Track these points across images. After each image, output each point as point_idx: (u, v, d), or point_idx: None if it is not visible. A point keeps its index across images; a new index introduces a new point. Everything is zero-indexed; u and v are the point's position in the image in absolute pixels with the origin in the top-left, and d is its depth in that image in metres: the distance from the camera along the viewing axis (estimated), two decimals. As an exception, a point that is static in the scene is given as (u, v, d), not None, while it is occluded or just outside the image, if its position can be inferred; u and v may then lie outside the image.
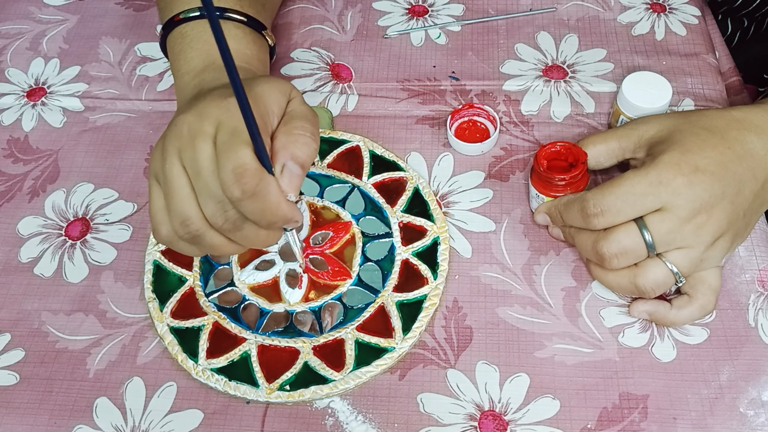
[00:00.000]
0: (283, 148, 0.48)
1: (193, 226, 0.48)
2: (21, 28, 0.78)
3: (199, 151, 0.47)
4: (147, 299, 0.58)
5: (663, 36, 0.72)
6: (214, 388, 0.54)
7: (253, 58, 0.60)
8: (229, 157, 0.46)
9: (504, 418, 0.52)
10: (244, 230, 0.49)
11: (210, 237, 0.49)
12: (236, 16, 0.60)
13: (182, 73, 0.59)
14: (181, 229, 0.49)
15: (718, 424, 0.51)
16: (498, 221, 0.61)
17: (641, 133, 0.56)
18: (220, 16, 0.60)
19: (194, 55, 0.58)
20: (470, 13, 0.76)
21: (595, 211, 0.51)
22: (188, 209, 0.48)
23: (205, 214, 0.48)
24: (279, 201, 0.47)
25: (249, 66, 0.59)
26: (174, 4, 0.61)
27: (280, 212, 0.47)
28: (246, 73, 0.58)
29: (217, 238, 0.49)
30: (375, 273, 0.59)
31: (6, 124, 0.70)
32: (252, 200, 0.46)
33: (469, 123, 0.66)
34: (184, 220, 0.48)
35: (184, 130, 0.48)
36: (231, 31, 0.60)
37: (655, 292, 0.53)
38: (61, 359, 0.56)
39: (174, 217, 0.49)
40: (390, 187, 0.63)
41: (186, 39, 0.60)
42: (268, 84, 0.51)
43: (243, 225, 0.48)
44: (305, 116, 0.50)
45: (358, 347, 0.55)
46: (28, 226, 0.64)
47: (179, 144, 0.48)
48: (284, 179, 0.47)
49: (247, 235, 0.49)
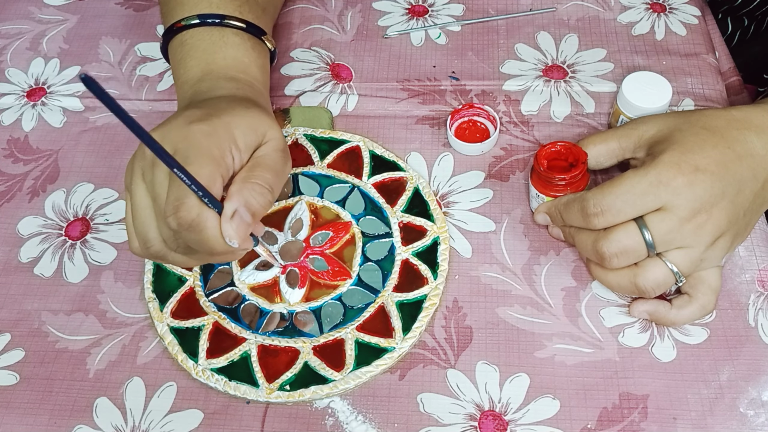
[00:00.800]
0: (237, 192, 0.49)
1: (153, 248, 0.50)
2: (21, 28, 0.78)
3: (155, 177, 0.48)
4: (147, 299, 0.58)
5: (663, 36, 0.72)
6: (214, 388, 0.54)
7: (251, 65, 0.61)
8: (172, 188, 0.47)
9: (504, 418, 0.52)
10: (197, 255, 0.50)
11: (171, 257, 0.51)
12: (235, 23, 0.61)
13: (181, 83, 0.60)
14: (143, 248, 0.51)
15: (718, 424, 0.51)
16: (498, 221, 0.61)
17: (641, 133, 0.56)
18: (221, 23, 0.60)
19: (193, 64, 0.59)
20: (470, 13, 0.76)
21: (595, 211, 0.51)
22: (148, 231, 0.50)
23: (163, 236, 0.49)
24: (216, 236, 0.48)
25: (245, 75, 0.59)
26: (176, 11, 0.61)
27: (217, 247, 0.48)
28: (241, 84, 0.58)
29: (178, 257, 0.51)
30: (375, 273, 0.59)
31: (6, 124, 0.70)
32: (189, 232, 0.47)
33: (469, 123, 0.66)
34: (146, 242, 0.50)
35: (147, 153, 0.50)
36: (229, 38, 0.60)
37: (655, 292, 0.53)
38: (61, 359, 0.56)
39: (138, 236, 0.50)
40: (390, 187, 0.63)
41: (185, 47, 0.60)
42: (244, 118, 0.51)
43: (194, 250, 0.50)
44: (271, 167, 0.51)
45: (358, 347, 0.55)
46: (28, 226, 0.64)
47: (142, 165, 0.50)
48: (233, 224, 0.48)
49: (203, 258, 0.51)
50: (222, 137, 0.49)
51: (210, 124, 0.49)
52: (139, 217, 0.50)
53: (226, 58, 0.59)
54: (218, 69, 0.59)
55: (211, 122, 0.50)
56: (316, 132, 0.67)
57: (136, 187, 0.50)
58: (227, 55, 0.59)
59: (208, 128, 0.49)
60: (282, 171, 0.52)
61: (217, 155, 0.48)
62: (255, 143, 0.51)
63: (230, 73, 0.59)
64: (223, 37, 0.60)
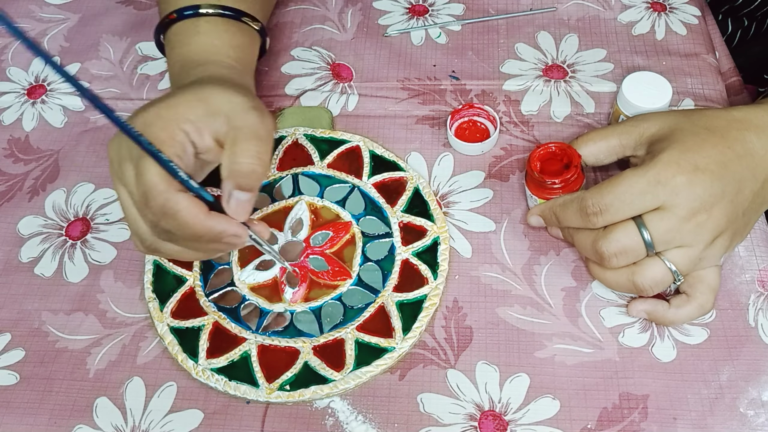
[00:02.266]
0: (227, 177, 0.49)
1: (146, 242, 0.51)
2: (22, 27, 0.78)
3: (125, 176, 0.49)
4: (147, 299, 0.58)
5: (663, 36, 0.72)
6: (214, 388, 0.54)
7: (223, 46, 0.60)
8: (138, 181, 0.48)
9: (504, 418, 0.52)
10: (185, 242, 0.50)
11: (166, 248, 0.51)
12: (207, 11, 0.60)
13: (171, 81, 0.60)
14: (138, 244, 0.52)
15: (718, 424, 0.51)
16: (498, 221, 0.61)
17: (642, 131, 0.55)
18: (194, 14, 0.60)
19: (174, 60, 0.60)
20: (470, 13, 0.76)
21: (594, 210, 0.51)
22: (138, 228, 0.51)
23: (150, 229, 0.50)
24: (193, 217, 0.48)
25: (216, 56, 0.59)
26: (168, 4, 0.61)
27: (197, 228, 0.48)
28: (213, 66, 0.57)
29: (172, 247, 0.51)
30: (375, 273, 0.59)
31: (6, 124, 0.71)
32: (165, 220, 0.48)
33: (469, 123, 0.66)
34: (139, 237, 0.51)
35: (112, 157, 0.51)
36: (201, 26, 0.60)
37: (653, 291, 0.53)
38: (61, 359, 0.57)
39: (132, 234, 0.52)
40: (390, 187, 0.63)
41: (169, 45, 0.61)
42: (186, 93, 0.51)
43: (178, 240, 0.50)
44: (250, 134, 0.50)
45: (358, 347, 0.55)
46: (29, 226, 0.64)
47: (114, 170, 0.51)
48: (231, 208, 0.49)
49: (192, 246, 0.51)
50: (166, 117, 0.49)
51: (150, 111, 0.50)
52: (128, 217, 0.51)
53: (197, 45, 0.59)
54: (191, 58, 0.59)
55: (151, 109, 0.50)
56: (316, 132, 0.67)
57: (119, 191, 0.51)
58: (198, 42, 0.59)
59: (149, 114, 0.50)
60: (263, 129, 0.51)
61: (164, 136, 0.48)
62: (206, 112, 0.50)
63: (200, 60, 0.58)
64: (195, 26, 0.60)
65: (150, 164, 0.47)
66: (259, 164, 0.50)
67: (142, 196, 0.47)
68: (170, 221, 0.48)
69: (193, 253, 0.52)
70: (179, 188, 0.48)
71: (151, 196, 0.47)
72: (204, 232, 0.49)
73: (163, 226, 0.48)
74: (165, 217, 0.47)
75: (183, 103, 0.50)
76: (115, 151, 0.50)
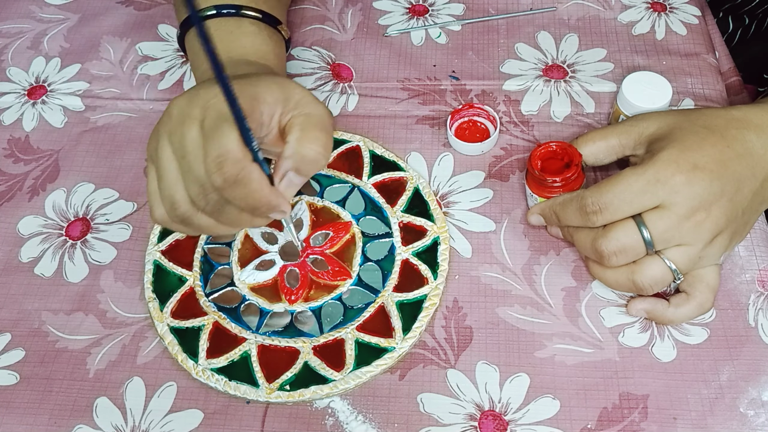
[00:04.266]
0: (289, 157, 0.49)
1: (181, 209, 0.49)
2: (22, 27, 0.78)
3: (185, 135, 0.47)
4: (147, 299, 0.58)
5: (663, 36, 0.72)
6: (214, 388, 0.54)
7: (269, 54, 0.61)
8: (212, 144, 0.46)
9: (504, 418, 0.52)
10: (226, 213, 0.49)
11: (198, 219, 0.50)
12: (251, 13, 0.61)
13: (201, 72, 0.60)
14: (170, 211, 0.50)
15: (718, 424, 0.51)
16: (498, 221, 0.61)
17: (641, 130, 0.55)
18: (237, 13, 0.60)
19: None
20: (470, 13, 0.76)
21: (594, 209, 0.51)
22: (176, 192, 0.49)
23: (191, 195, 0.49)
24: (261, 189, 0.47)
25: (265, 62, 0.60)
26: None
27: (263, 200, 0.48)
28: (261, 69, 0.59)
29: (204, 219, 0.50)
30: (375, 273, 0.59)
31: (6, 124, 0.71)
32: (233, 188, 0.47)
33: (469, 123, 0.66)
34: (173, 203, 0.49)
35: (174, 113, 0.49)
36: (246, 28, 0.61)
37: (653, 289, 0.53)
38: (61, 359, 0.57)
39: (164, 200, 0.50)
40: (390, 187, 0.63)
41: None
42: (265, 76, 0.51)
43: (224, 208, 0.49)
44: (322, 125, 0.50)
45: (358, 347, 0.55)
46: (29, 226, 0.64)
47: (169, 127, 0.49)
48: (282, 186, 0.49)
49: (230, 218, 0.50)
50: (249, 94, 0.49)
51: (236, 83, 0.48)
52: (166, 179, 0.49)
53: (244, 46, 0.60)
54: (237, 56, 0.59)
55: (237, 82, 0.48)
56: (316, 132, 0.67)
57: (162, 150, 0.49)
58: (245, 43, 0.60)
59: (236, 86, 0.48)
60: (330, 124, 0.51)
61: (248, 111, 0.47)
62: (282, 97, 0.50)
63: (249, 59, 0.59)
64: (240, 27, 0.60)
65: (232, 130, 0.46)
66: (323, 155, 0.50)
67: (216, 159, 0.46)
68: (239, 190, 0.47)
69: (223, 228, 0.51)
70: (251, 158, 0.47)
71: (228, 163, 0.45)
72: (264, 204, 0.48)
73: (228, 193, 0.47)
74: (236, 185, 0.46)
75: (263, 83, 0.50)
76: (181, 108, 0.49)
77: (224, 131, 0.46)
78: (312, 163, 0.49)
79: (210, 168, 0.46)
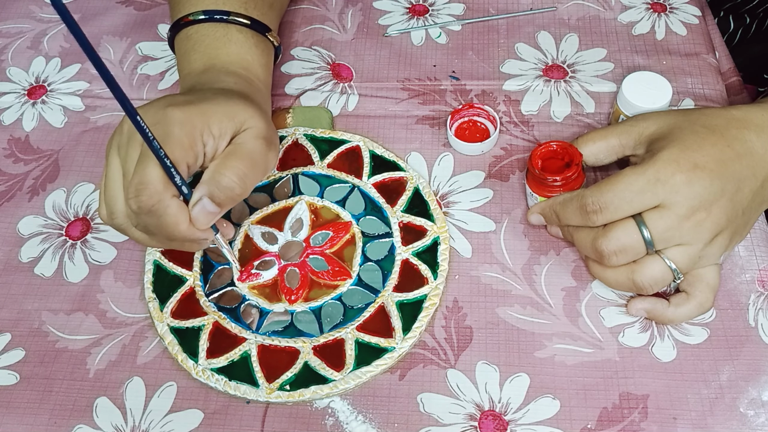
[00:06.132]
0: (205, 182, 0.51)
1: (117, 219, 0.52)
2: (22, 27, 0.78)
3: (128, 154, 0.50)
4: (147, 299, 0.58)
5: (663, 36, 0.72)
6: (214, 388, 0.54)
7: (253, 63, 0.62)
8: (137, 171, 0.48)
9: (504, 418, 0.52)
10: (156, 236, 0.52)
11: (131, 232, 0.53)
12: (240, 20, 0.61)
13: (184, 75, 0.61)
14: (108, 218, 0.52)
15: (718, 424, 0.51)
16: (498, 221, 0.61)
17: (641, 130, 0.56)
18: (226, 19, 0.61)
19: (196, 58, 0.60)
20: (471, 12, 0.76)
21: (594, 208, 0.51)
22: (115, 203, 0.51)
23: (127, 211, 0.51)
24: (176, 223, 0.49)
25: (246, 72, 0.60)
26: (183, 6, 0.62)
27: (176, 233, 0.50)
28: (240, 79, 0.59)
29: (138, 234, 0.53)
30: (375, 273, 0.59)
31: (6, 124, 0.71)
32: (148, 216, 0.49)
33: (469, 123, 0.66)
34: (111, 212, 0.52)
35: (125, 128, 0.51)
36: (233, 35, 0.61)
37: (652, 289, 0.53)
38: (61, 359, 0.57)
39: (106, 206, 0.52)
40: (390, 187, 0.63)
41: (191, 41, 0.61)
42: (221, 106, 0.52)
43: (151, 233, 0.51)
44: (247, 156, 0.52)
45: (358, 347, 0.55)
46: (29, 226, 0.64)
47: (119, 140, 0.51)
48: (194, 212, 0.50)
49: (161, 242, 0.53)
50: (194, 125, 0.50)
51: (185, 111, 0.50)
52: (109, 189, 0.51)
53: (229, 54, 0.60)
54: (221, 64, 0.60)
55: (186, 109, 0.51)
56: (316, 132, 0.67)
57: (112, 159, 0.51)
58: (230, 51, 0.60)
59: (183, 115, 0.50)
60: (261, 159, 0.53)
61: (186, 143, 0.49)
62: (232, 130, 0.52)
63: (232, 69, 0.60)
64: (227, 33, 0.61)
65: (154, 163, 0.48)
66: (239, 185, 0.51)
67: (135, 186, 0.48)
68: (153, 219, 0.49)
69: (156, 244, 0.54)
70: (174, 193, 0.49)
71: (146, 193, 0.48)
72: (178, 237, 0.50)
73: (142, 220, 0.49)
74: (150, 214, 0.48)
75: (214, 114, 0.51)
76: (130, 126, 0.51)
77: (148, 163, 0.48)
78: (226, 190, 0.50)
79: (129, 193, 0.48)
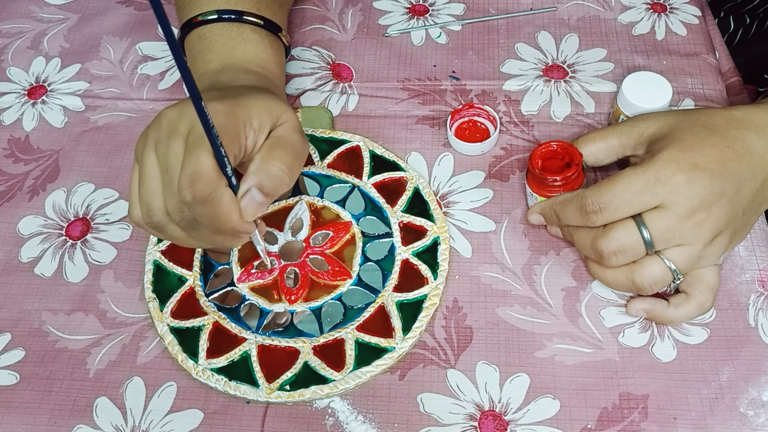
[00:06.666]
0: (254, 172, 0.50)
1: (155, 217, 0.50)
2: (22, 27, 0.78)
3: (170, 148, 0.48)
4: (147, 299, 0.58)
5: (663, 36, 0.72)
6: (214, 388, 0.54)
7: (269, 62, 0.62)
8: (189, 161, 0.47)
9: (504, 418, 0.52)
10: (199, 231, 0.51)
11: (170, 229, 0.51)
12: (253, 20, 0.62)
13: (200, 74, 0.60)
14: (146, 216, 0.51)
15: (718, 424, 0.51)
16: (498, 221, 0.61)
17: (642, 130, 0.56)
18: (239, 19, 0.61)
19: (211, 57, 0.60)
20: (471, 13, 0.76)
21: (594, 208, 0.51)
22: (153, 200, 0.50)
23: (168, 208, 0.50)
24: (229, 213, 0.48)
25: (263, 70, 0.61)
26: (192, 5, 0.62)
27: (229, 224, 0.49)
28: (259, 77, 0.59)
29: (177, 231, 0.52)
30: (375, 273, 0.59)
31: (7, 124, 0.71)
32: (202, 207, 0.48)
33: (469, 123, 0.66)
34: (149, 210, 0.50)
35: (163, 123, 0.50)
36: (248, 34, 0.61)
37: (652, 289, 0.53)
38: (61, 359, 0.57)
39: (142, 204, 0.51)
40: (390, 187, 0.63)
41: (204, 41, 0.61)
42: (259, 100, 0.52)
43: (198, 226, 0.50)
44: (290, 147, 0.52)
45: (358, 347, 0.55)
46: (29, 226, 0.64)
47: (157, 136, 0.50)
48: (243, 202, 0.49)
49: (203, 236, 0.52)
50: (238, 117, 0.50)
51: (227, 104, 0.50)
52: (146, 185, 0.50)
53: (246, 54, 0.60)
54: (237, 63, 0.60)
55: (228, 102, 0.50)
56: (316, 132, 0.67)
57: (147, 156, 0.50)
58: (246, 50, 0.61)
59: (225, 107, 0.49)
60: (301, 151, 0.53)
61: (233, 134, 0.49)
62: (270, 124, 0.52)
63: (249, 67, 0.60)
64: (242, 33, 0.61)
65: (207, 151, 0.47)
66: (287, 174, 0.51)
67: (190, 176, 0.47)
68: (207, 209, 0.48)
69: (193, 242, 0.53)
70: (226, 183, 0.48)
71: (201, 182, 0.46)
72: (228, 228, 0.49)
73: (195, 211, 0.48)
74: (204, 204, 0.47)
75: (254, 107, 0.51)
76: (170, 119, 0.50)
77: (202, 152, 0.47)
78: (275, 179, 0.50)
79: (183, 183, 0.47)
